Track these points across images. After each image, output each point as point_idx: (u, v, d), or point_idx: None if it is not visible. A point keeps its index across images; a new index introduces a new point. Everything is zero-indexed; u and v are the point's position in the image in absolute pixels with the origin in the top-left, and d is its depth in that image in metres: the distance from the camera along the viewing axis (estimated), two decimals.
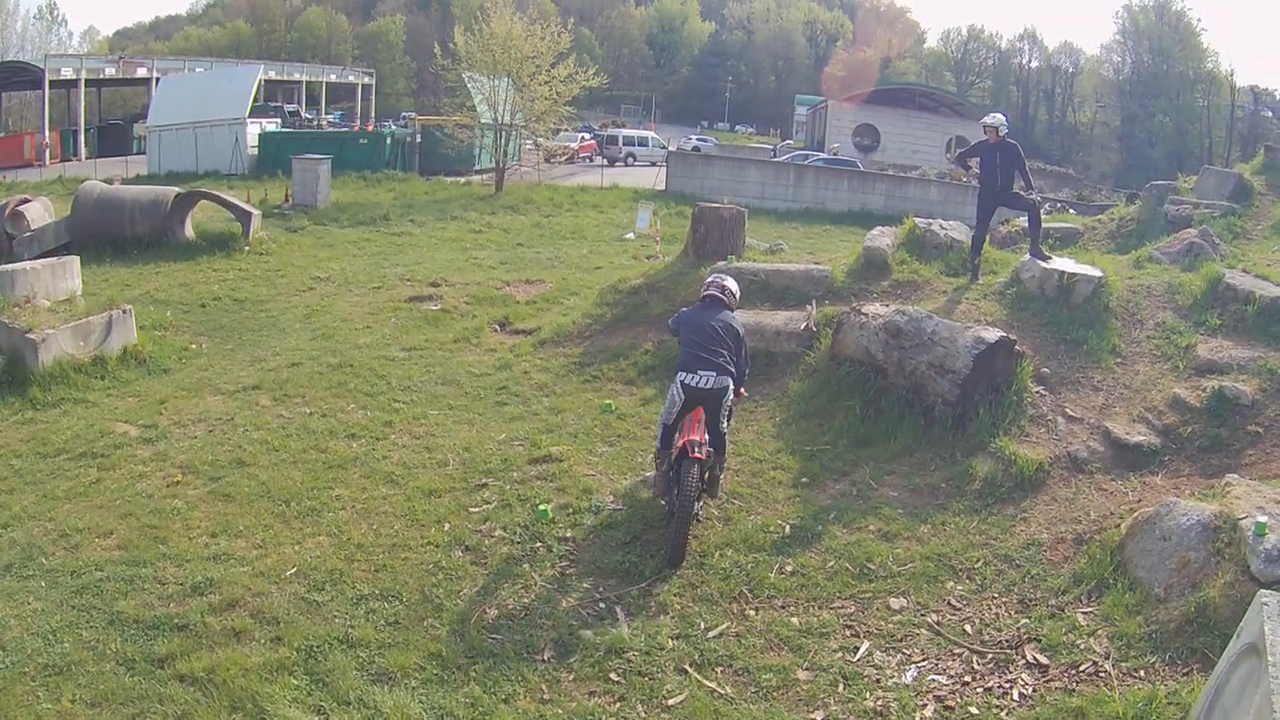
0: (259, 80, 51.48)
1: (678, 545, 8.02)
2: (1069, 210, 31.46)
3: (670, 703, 6.29)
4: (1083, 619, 6.90)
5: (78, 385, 12.73)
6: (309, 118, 68.78)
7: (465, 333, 15.37)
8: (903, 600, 7.51)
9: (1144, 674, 6.12)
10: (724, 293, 8.99)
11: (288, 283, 19.82)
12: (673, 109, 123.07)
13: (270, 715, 6.02)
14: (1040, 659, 6.52)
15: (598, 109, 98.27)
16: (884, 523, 8.65)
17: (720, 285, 9.05)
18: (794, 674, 6.59)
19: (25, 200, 23.04)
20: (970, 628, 7.10)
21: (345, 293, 18.84)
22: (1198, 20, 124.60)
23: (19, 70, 57.93)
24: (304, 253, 23.56)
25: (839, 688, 6.43)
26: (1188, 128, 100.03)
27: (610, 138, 62.67)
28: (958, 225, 15.70)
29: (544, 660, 6.74)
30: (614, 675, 6.58)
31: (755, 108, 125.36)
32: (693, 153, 52.01)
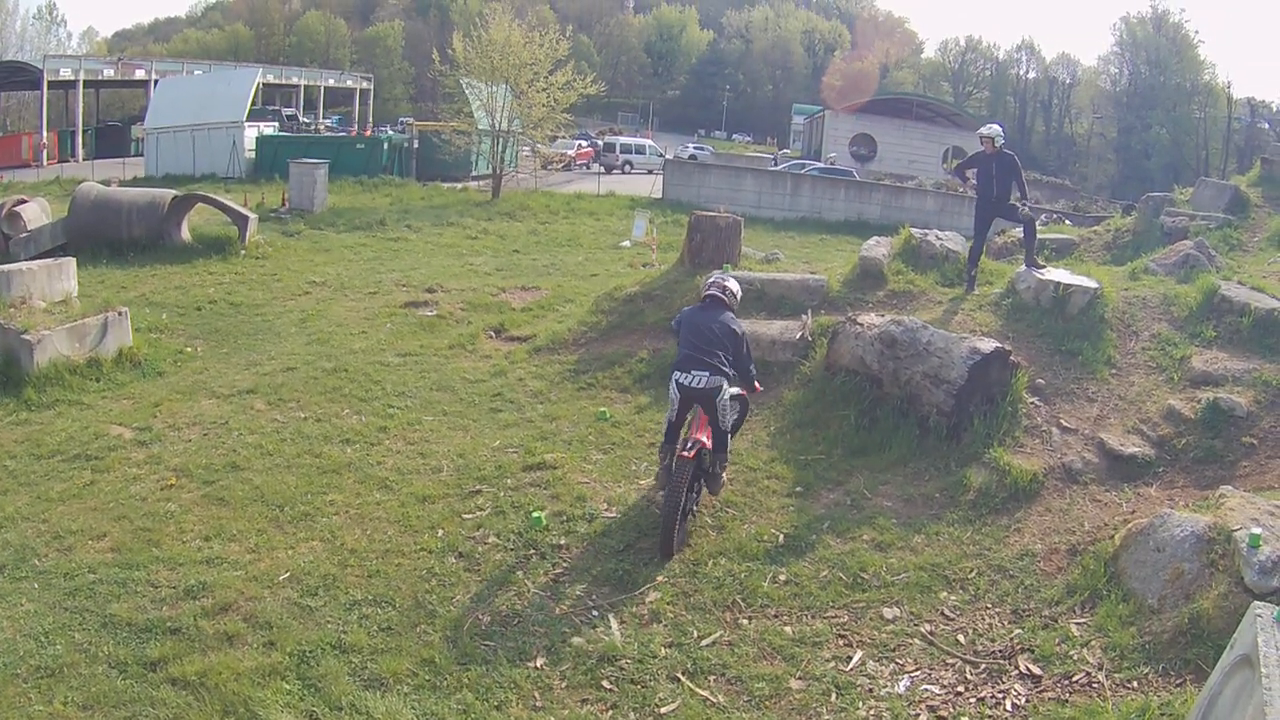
0: (257, 84, 51.42)
1: (664, 537, 8.28)
2: (1065, 221, 31.56)
3: (663, 711, 6.29)
4: (1076, 630, 6.90)
5: (72, 387, 12.71)
6: (307, 122, 68.80)
7: (460, 339, 15.36)
8: (896, 610, 7.51)
9: (1137, 685, 6.12)
10: (725, 293, 9.03)
11: (283, 287, 19.80)
12: (670, 117, 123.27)
13: None
14: (1033, 669, 6.52)
15: (595, 116, 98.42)
16: (878, 532, 8.65)
17: (721, 285, 9.09)
18: (787, 683, 6.59)
19: (22, 201, 23.00)
20: (963, 638, 7.10)
21: (341, 298, 18.82)
22: (1195, 32, 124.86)
23: (17, 70, 57.90)
24: (300, 257, 23.54)
25: (832, 697, 6.43)
26: (1184, 139, 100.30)
27: (608, 146, 62.76)
28: (954, 236, 15.73)
29: (536, 667, 6.73)
30: (606, 683, 6.58)
31: (752, 117, 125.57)
32: (689, 161, 52.11)
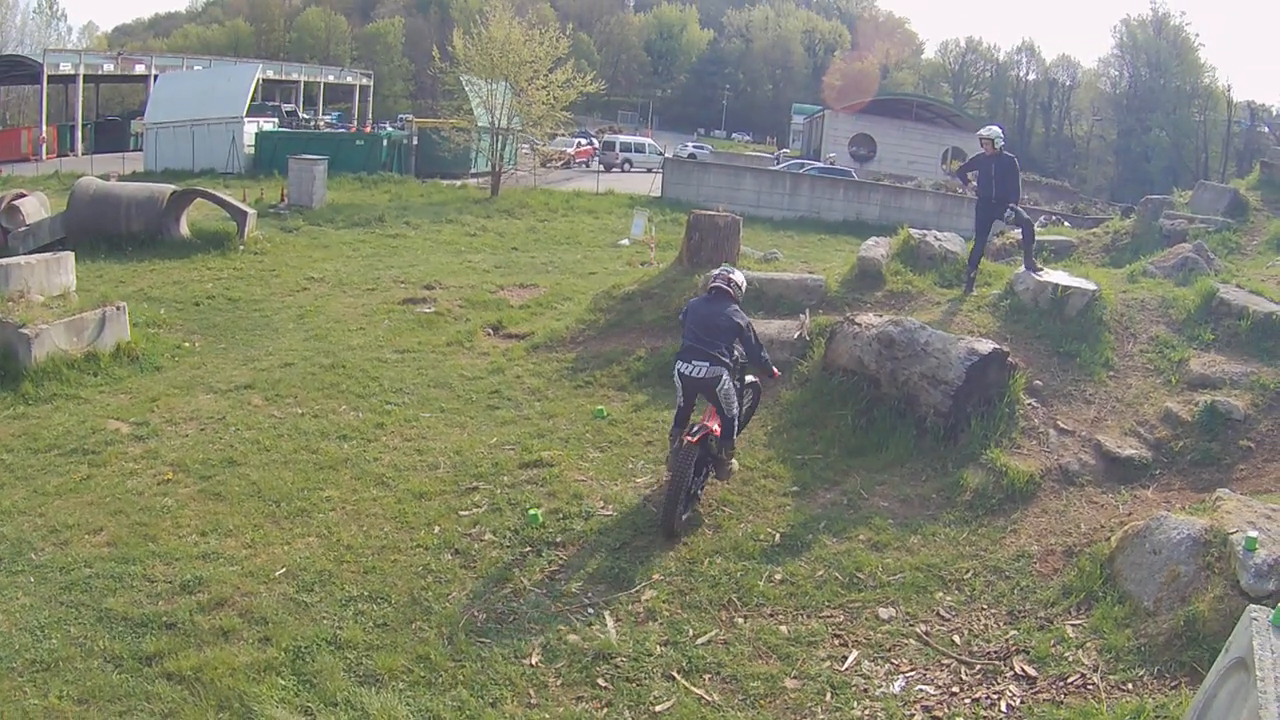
0: (257, 79, 51.39)
1: (665, 516, 8.53)
2: (1064, 223, 31.54)
3: (657, 709, 6.29)
4: (1071, 631, 6.90)
5: (70, 381, 12.69)
6: (306, 118, 68.86)
7: (458, 336, 15.36)
8: (892, 610, 7.52)
9: (1132, 687, 6.13)
10: (729, 285, 9.20)
11: (282, 283, 19.79)
12: (670, 116, 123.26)
13: (257, 715, 6.01)
14: (1028, 670, 6.52)
15: (595, 115, 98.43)
16: (874, 532, 8.66)
17: (726, 278, 9.27)
18: (782, 682, 6.59)
19: (21, 195, 22.96)
20: (959, 638, 7.11)
21: (339, 294, 18.81)
22: (1196, 36, 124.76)
23: (17, 64, 57.87)
24: (299, 253, 23.52)
25: (827, 697, 6.43)
26: (1184, 142, 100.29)
27: (607, 144, 62.79)
28: (953, 237, 15.73)
29: (532, 664, 6.73)
30: (601, 681, 6.58)
31: (752, 116, 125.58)
32: (689, 160, 52.09)
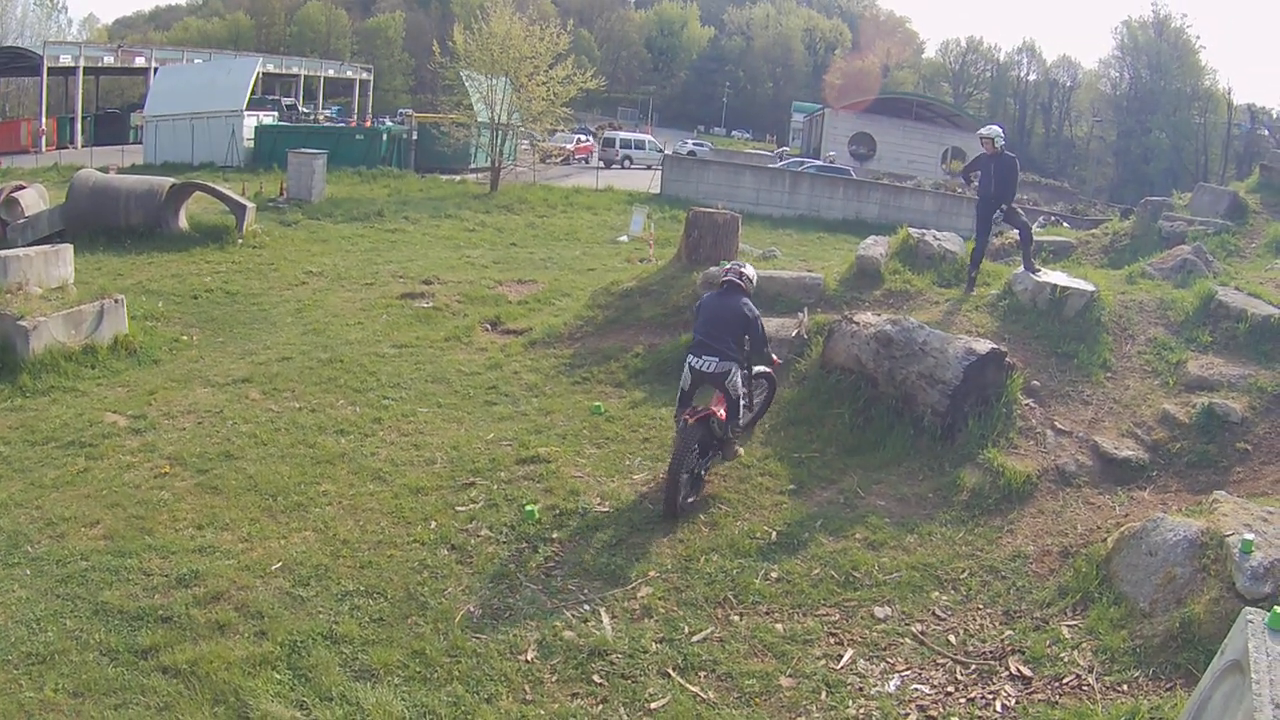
0: (257, 73, 51.37)
1: (667, 497, 8.81)
2: (1063, 224, 31.53)
3: (652, 706, 6.29)
4: (1067, 632, 6.91)
5: (68, 374, 12.68)
6: (306, 112, 68.73)
7: (456, 331, 15.36)
8: (887, 609, 7.52)
9: (1127, 688, 6.13)
10: (741, 279, 9.54)
11: (280, 277, 19.79)
12: (670, 113, 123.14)
13: (252, 709, 6.00)
14: (1024, 671, 6.53)
15: (595, 111, 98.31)
16: (870, 531, 8.66)
17: (738, 272, 9.60)
18: (777, 680, 6.59)
19: (20, 187, 22.97)
20: (954, 638, 7.11)
21: (337, 288, 18.81)
22: (1197, 38, 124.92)
23: (17, 56, 57.78)
24: (297, 247, 23.51)
25: (822, 695, 6.44)
26: (1184, 144, 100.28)
27: (607, 140, 62.82)
28: (952, 236, 15.72)
29: (527, 660, 6.73)
30: (597, 677, 6.58)
31: (752, 113, 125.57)
32: (688, 157, 52.07)
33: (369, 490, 9.33)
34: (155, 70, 56.73)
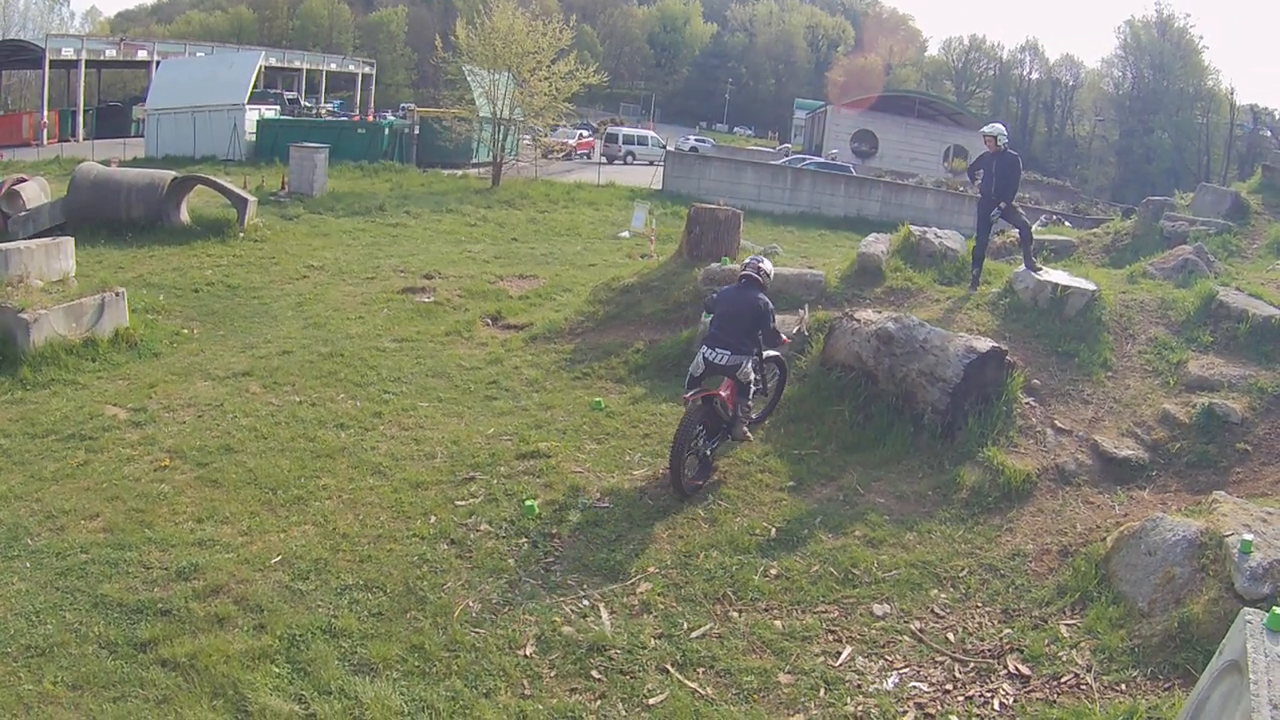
0: (259, 67, 51.26)
1: (672, 474, 9.10)
2: (1065, 223, 31.51)
3: (651, 702, 6.29)
4: (1066, 631, 6.91)
5: (68, 366, 12.68)
6: (308, 106, 68.53)
7: (457, 326, 15.36)
8: (886, 607, 7.52)
9: (1125, 687, 6.14)
10: (759, 273, 9.98)
11: (281, 270, 19.78)
12: (672, 109, 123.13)
13: (251, 703, 6.01)
14: (1022, 669, 6.53)
15: (597, 106, 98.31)
16: (870, 529, 8.66)
17: (756, 267, 10.05)
18: (775, 677, 6.59)
19: (21, 179, 22.92)
20: (953, 636, 7.12)
21: (338, 282, 18.81)
22: (1200, 38, 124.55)
23: (19, 49, 57.65)
24: (298, 241, 23.50)
25: (820, 692, 6.44)
26: (1186, 145, 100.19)
27: (610, 136, 62.83)
28: (953, 234, 15.71)
29: (526, 655, 6.74)
30: (595, 673, 6.58)
31: (754, 110, 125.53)
32: (690, 153, 52.03)
33: (369, 484, 9.33)
34: (157, 63, 56.57)
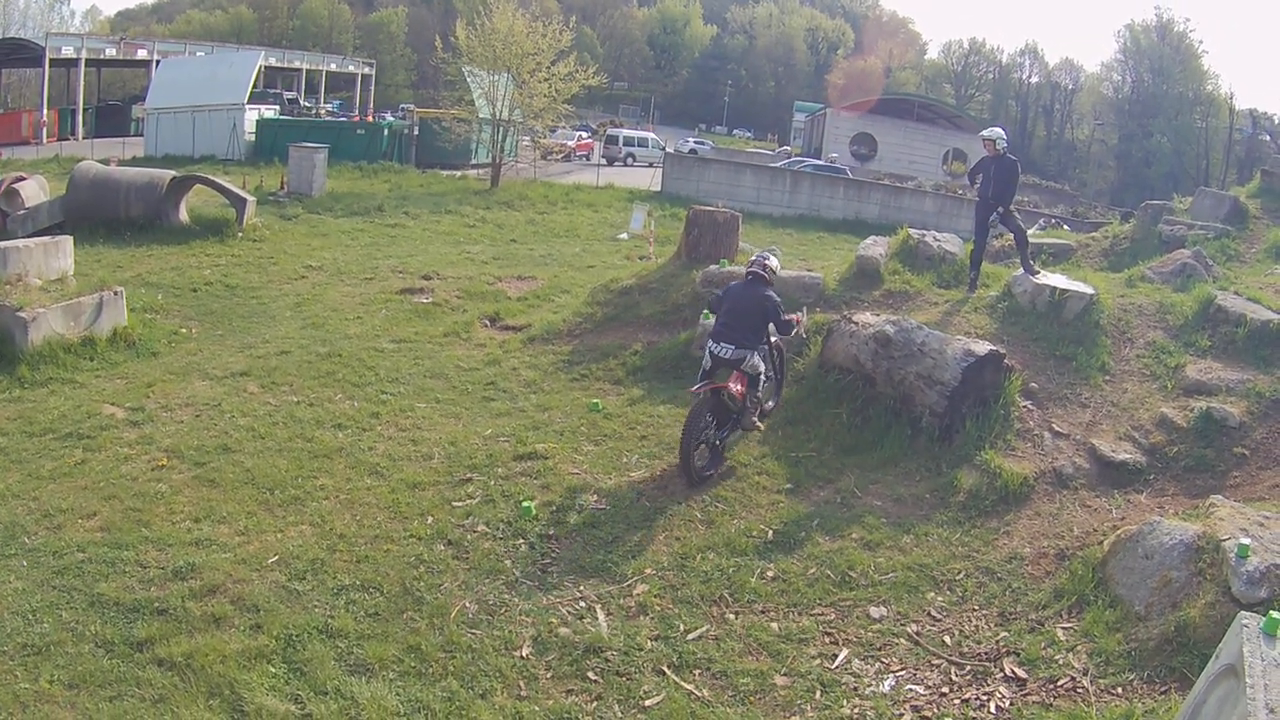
0: (259, 66, 51.31)
1: (683, 466, 9.44)
2: (1063, 227, 31.50)
3: (647, 703, 6.29)
4: (1062, 634, 6.91)
5: (66, 365, 12.68)
6: (308, 106, 68.56)
7: (455, 327, 15.36)
8: (883, 609, 7.52)
9: (1122, 691, 6.14)
10: (765, 270, 10.17)
11: (280, 270, 19.77)
12: (671, 111, 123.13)
13: (247, 703, 6.00)
14: (1018, 673, 6.53)
15: (596, 108, 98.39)
16: (867, 531, 8.66)
17: (762, 264, 10.24)
18: (772, 679, 6.59)
19: (21, 178, 22.92)
20: (949, 639, 7.12)
21: (337, 282, 18.80)
22: (1199, 42, 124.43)
23: (19, 47, 57.66)
24: (297, 241, 23.50)
25: (816, 694, 6.44)
26: (1185, 149, 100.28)
27: (611, 138, 62.91)
28: (951, 238, 15.71)
29: (522, 657, 6.73)
30: (592, 674, 6.58)
31: (754, 112, 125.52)
32: (689, 155, 52.06)
33: (366, 485, 9.33)
34: (157, 63, 56.62)
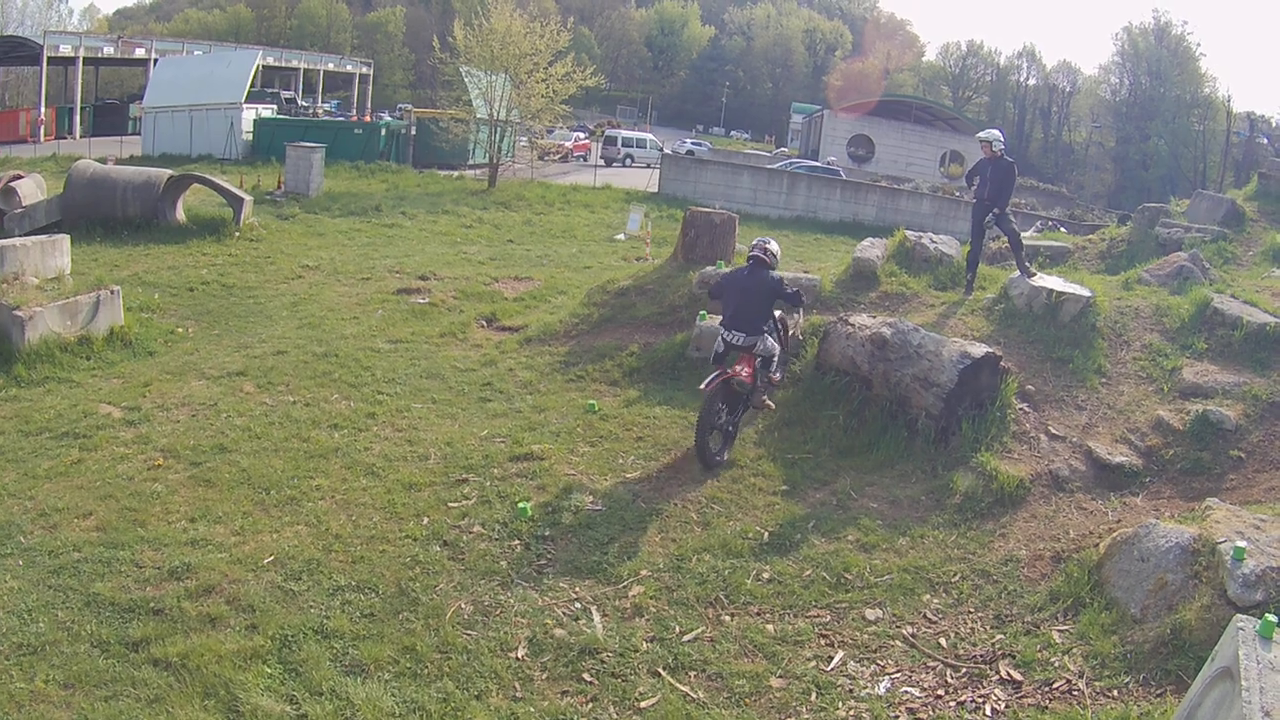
0: (257, 66, 51.31)
1: (699, 452, 9.87)
2: (1060, 229, 31.51)
3: (642, 705, 6.28)
4: (1058, 637, 6.91)
5: (63, 364, 12.67)
6: (305, 105, 68.55)
7: (452, 327, 15.35)
8: (879, 611, 7.52)
9: (1117, 694, 6.14)
10: (766, 254, 10.37)
11: (276, 270, 19.76)
12: (669, 112, 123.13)
13: (242, 703, 5.99)
14: (1014, 675, 6.53)
15: (594, 109, 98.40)
16: (863, 533, 8.66)
17: (763, 248, 10.44)
18: (767, 681, 6.59)
19: (18, 176, 22.94)
20: (945, 641, 7.11)
21: (334, 282, 18.79)
22: (1197, 45, 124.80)
23: (18, 45, 57.65)
24: (294, 241, 23.49)
25: (812, 696, 6.44)
26: (1182, 151, 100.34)
27: (609, 138, 62.93)
28: (948, 240, 15.73)
29: (518, 658, 6.73)
30: (587, 676, 6.57)
31: (751, 114, 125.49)
32: (686, 156, 52.08)
33: (362, 485, 9.32)
34: (155, 61, 56.62)
